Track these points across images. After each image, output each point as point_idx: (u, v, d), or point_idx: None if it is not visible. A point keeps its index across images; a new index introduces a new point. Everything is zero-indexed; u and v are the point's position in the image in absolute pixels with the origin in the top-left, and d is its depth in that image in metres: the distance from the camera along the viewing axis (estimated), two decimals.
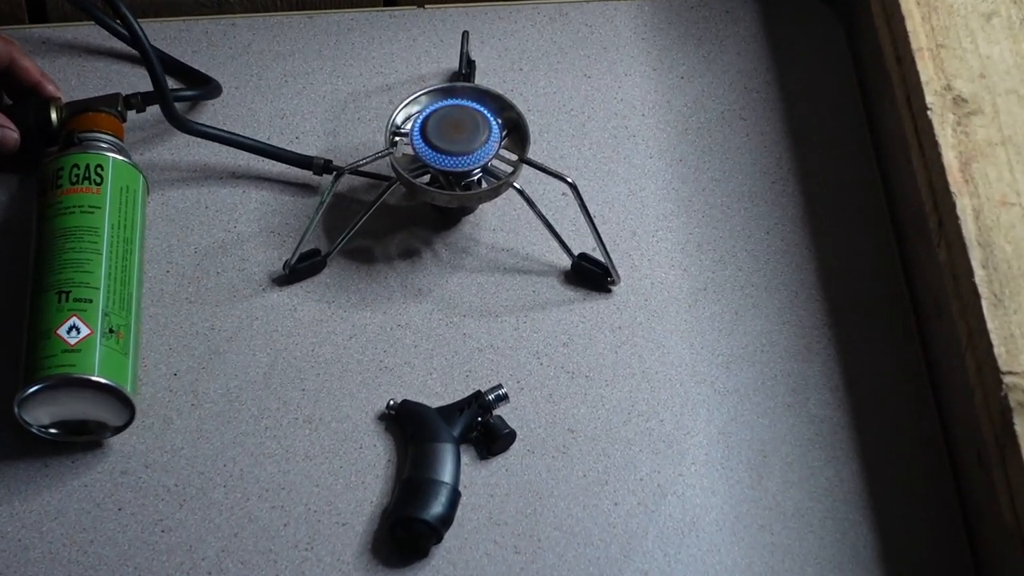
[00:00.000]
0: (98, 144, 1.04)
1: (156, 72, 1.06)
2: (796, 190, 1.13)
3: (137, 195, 1.04)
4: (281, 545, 0.97)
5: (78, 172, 1.02)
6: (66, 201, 1.01)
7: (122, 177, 1.03)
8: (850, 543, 0.99)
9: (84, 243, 0.99)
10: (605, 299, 1.08)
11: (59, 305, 0.97)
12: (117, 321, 0.98)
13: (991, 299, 0.95)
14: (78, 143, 1.04)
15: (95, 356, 0.96)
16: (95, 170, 1.02)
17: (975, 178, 1.00)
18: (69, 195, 1.01)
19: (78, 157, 1.03)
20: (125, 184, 1.03)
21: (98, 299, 0.98)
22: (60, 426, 0.98)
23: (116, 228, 1.01)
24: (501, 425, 1.01)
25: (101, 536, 0.97)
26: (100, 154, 1.03)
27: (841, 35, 1.22)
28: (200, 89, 1.13)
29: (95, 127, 1.05)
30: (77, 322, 0.97)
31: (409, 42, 1.19)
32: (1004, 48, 1.06)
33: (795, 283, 1.09)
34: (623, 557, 0.98)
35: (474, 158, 1.04)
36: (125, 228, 1.02)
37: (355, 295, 1.07)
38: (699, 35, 1.21)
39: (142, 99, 1.10)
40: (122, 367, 0.97)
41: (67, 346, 0.96)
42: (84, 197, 1.01)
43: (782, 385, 1.04)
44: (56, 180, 1.02)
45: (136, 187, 1.04)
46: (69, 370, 0.96)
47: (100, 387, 0.96)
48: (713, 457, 1.01)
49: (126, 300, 1.00)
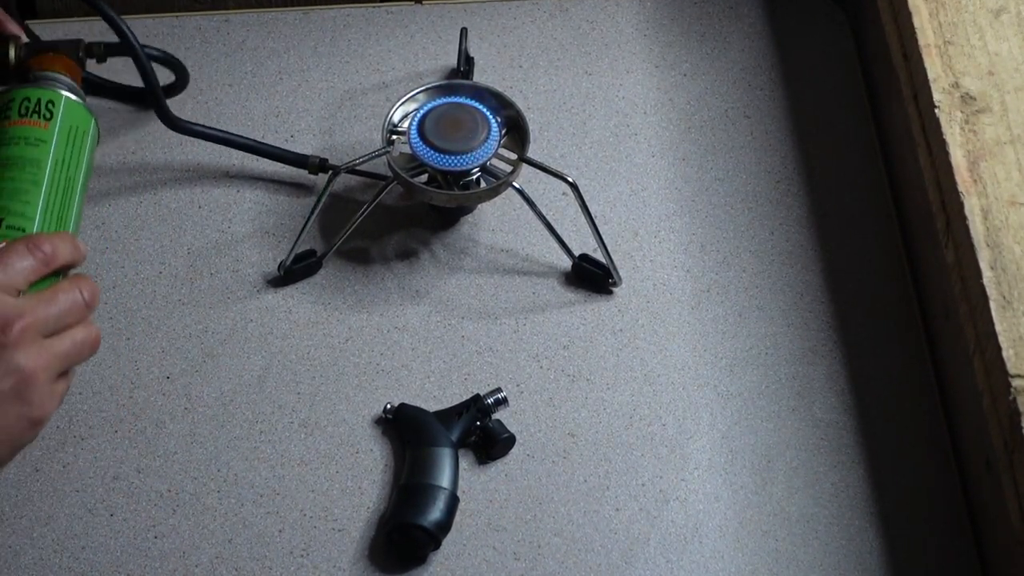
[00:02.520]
0: (53, 83, 1.03)
1: (147, 70, 1.05)
2: (801, 189, 1.13)
3: (87, 137, 1.02)
4: (276, 551, 0.97)
5: (28, 105, 1.01)
6: (12, 132, 1.00)
7: (73, 116, 1.02)
8: (856, 549, 0.98)
9: (25, 173, 0.98)
10: (606, 301, 1.07)
11: None
12: None
13: (999, 301, 0.95)
14: (33, 80, 1.03)
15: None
16: (46, 105, 1.01)
17: (983, 177, 1.00)
18: (15, 126, 1.00)
19: (30, 91, 1.01)
20: (75, 124, 1.02)
21: (31, 229, 0.97)
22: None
23: (60, 165, 1.00)
24: (500, 429, 1.00)
25: (93, 542, 0.97)
26: (53, 91, 1.02)
27: (847, 32, 1.21)
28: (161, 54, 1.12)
29: (52, 68, 1.04)
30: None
31: (406, 39, 1.19)
32: (1013, 45, 1.06)
33: (800, 284, 1.09)
34: (625, 564, 0.97)
35: (473, 157, 1.04)
36: (69, 167, 1.00)
37: (351, 297, 1.07)
38: (702, 31, 1.21)
39: (105, 48, 1.08)
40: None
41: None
42: (31, 130, 1.00)
43: (787, 388, 1.04)
44: (5, 112, 1.01)
45: (87, 129, 1.02)
46: None
47: None
48: (716, 462, 1.01)
49: None
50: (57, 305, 0.92)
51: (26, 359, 0.89)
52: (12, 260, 0.92)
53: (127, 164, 1.11)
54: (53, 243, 0.94)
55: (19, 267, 0.92)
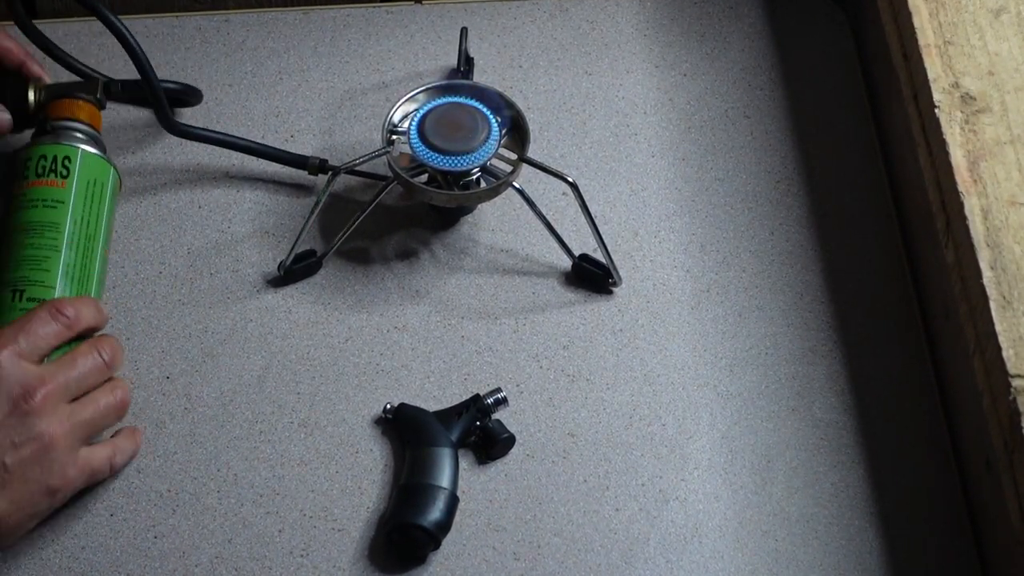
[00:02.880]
0: (70, 133, 1.03)
1: (148, 74, 1.05)
2: (801, 190, 1.13)
3: (106, 189, 1.02)
4: (276, 551, 0.97)
5: (44, 164, 1.01)
6: (30, 194, 1.00)
7: (90, 170, 1.02)
8: (856, 549, 0.98)
9: (44, 239, 0.98)
10: (606, 301, 1.07)
11: (12, 304, 0.96)
12: None
13: (999, 301, 0.95)
14: (50, 131, 1.03)
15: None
16: (62, 162, 1.01)
17: (983, 177, 0.99)
18: (33, 188, 1.00)
19: (46, 148, 1.01)
20: (93, 178, 1.02)
21: (53, 296, 0.97)
22: None
23: (79, 224, 1.00)
24: (500, 429, 1.00)
25: (92, 542, 0.97)
26: (69, 145, 1.02)
27: (847, 32, 1.21)
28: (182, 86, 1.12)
29: (70, 115, 1.04)
30: None
31: (406, 39, 1.19)
32: (1013, 45, 1.06)
33: (800, 284, 1.08)
34: (625, 564, 0.97)
35: (473, 157, 1.04)
36: (89, 224, 1.00)
37: (351, 297, 1.06)
38: (702, 31, 1.20)
39: (121, 87, 1.08)
40: None
41: None
42: (48, 191, 1.00)
43: (787, 389, 1.04)
44: (24, 171, 1.01)
45: (105, 180, 1.03)
46: None
47: None
48: (716, 462, 1.01)
49: None
50: (77, 369, 0.94)
51: (48, 425, 0.90)
52: (35, 326, 0.93)
53: (127, 164, 1.11)
54: (76, 307, 0.95)
55: (42, 333, 0.93)
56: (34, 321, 0.93)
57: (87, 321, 0.96)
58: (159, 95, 1.06)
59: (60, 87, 1.06)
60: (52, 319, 0.94)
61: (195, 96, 1.13)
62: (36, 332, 0.93)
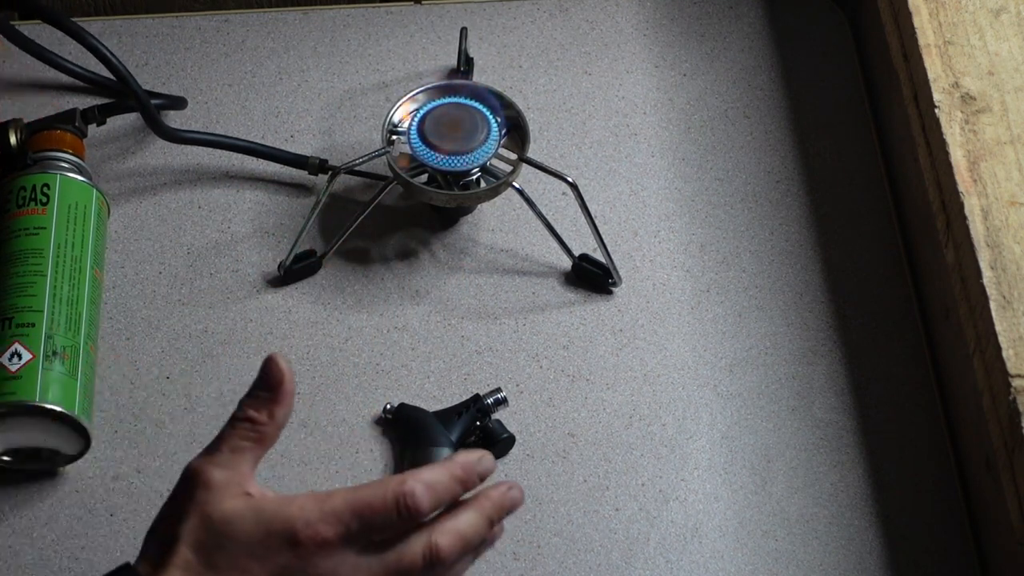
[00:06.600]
0: (51, 163, 1.03)
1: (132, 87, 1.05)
2: (801, 190, 1.13)
3: (89, 211, 1.02)
4: None
5: (24, 194, 1.01)
6: (13, 225, 1.00)
7: (71, 195, 1.02)
8: (856, 549, 0.98)
9: (28, 266, 0.98)
10: (606, 301, 1.07)
11: (2, 333, 0.96)
12: (63, 342, 0.96)
13: (999, 301, 0.94)
14: (32, 164, 1.03)
15: (37, 381, 0.94)
16: (41, 190, 1.01)
17: (983, 177, 0.99)
18: (16, 218, 1.01)
19: (25, 179, 1.02)
20: (74, 201, 1.02)
21: (41, 322, 0.96)
22: (13, 454, 0.96)
23: (63, 247, 0.99)
24: (500, 429, 1.00)
25: (93, 542, 0.96)
26: (47, 173, 1.02)
27: (847, 31, 1.21)
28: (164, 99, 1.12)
29: (49, 146, 1.04)
30: (19, 348, 0.95)
31: (406, 39, 1.19)
32: (1013, 45, 1.06)
33: (800, 284, 1.08)
34: (624, 564, 0.97)
35: (473, 157, 1.04)
36: (73, 247, 1.00)
37: (351, 297, 1.06)
38: (702, 31, 1.20)
39: (99, 111, 1.08)
40: (70, 390, 0.95)
41: (8, 374, 0.94)
42: (30, 219, 1.00)
43: (786, 389, 1.04)
44: (6, 205, 1.01)
45: (88, 203, 1.02)
46: (9, 398, 0.94)
47: (45, 413, 0.94)
48: (716, 462, 1.01)
49: (74, 320, 0.98)
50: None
51: None
52: (375, 520, 0.76)
53: (127, 164, 1.11)
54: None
55: (378, 523, 0.76)
56: (375, 512, 0.76)
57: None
58: (149, 109, 1.06)
59: (39, 123, 1.06)
60: (395, 510, 0.76)
61: (179, 103, 1.13)
62: (373, 523, 0.76)
